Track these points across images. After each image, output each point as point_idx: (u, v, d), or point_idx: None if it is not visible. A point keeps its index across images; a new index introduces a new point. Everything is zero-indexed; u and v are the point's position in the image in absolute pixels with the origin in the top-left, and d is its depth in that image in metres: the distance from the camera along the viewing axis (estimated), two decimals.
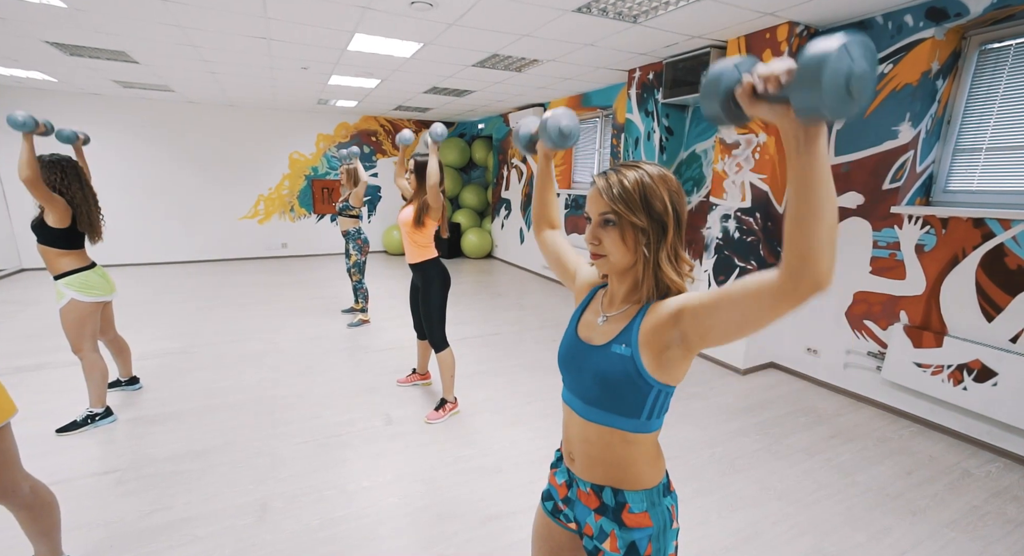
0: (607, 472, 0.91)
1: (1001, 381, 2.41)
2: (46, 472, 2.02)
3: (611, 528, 0.91)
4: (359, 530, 1.91)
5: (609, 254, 0.87)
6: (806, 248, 0.61)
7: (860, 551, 1.84)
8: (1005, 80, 2.56)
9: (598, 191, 0.87)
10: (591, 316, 0.97)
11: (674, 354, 0.82)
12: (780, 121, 0.60)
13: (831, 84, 0.52)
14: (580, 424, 0.93)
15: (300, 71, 4.63)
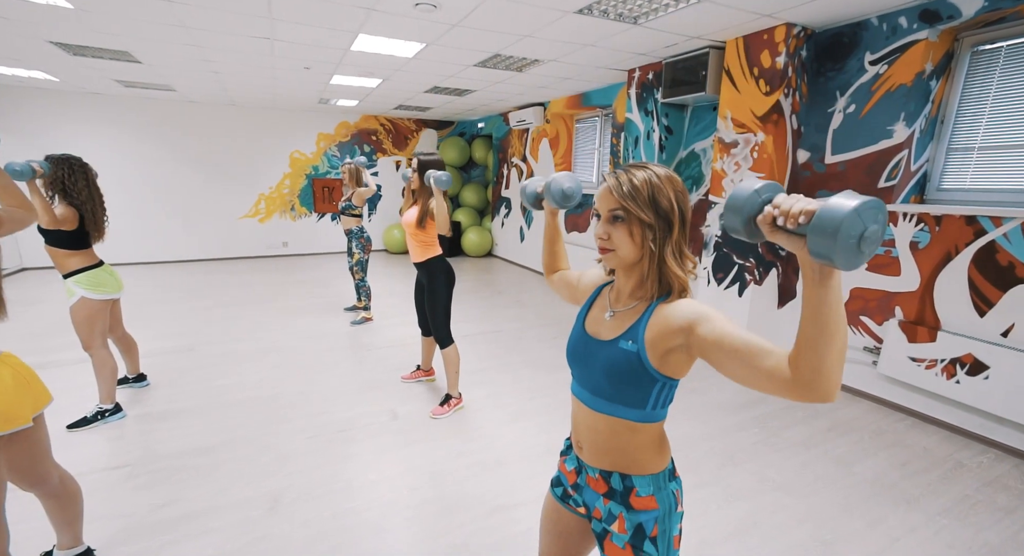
0: (615, 459, 0.96)
1: (992, 374, 2.48)
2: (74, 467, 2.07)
3: (619, 511, 0.96)
4: (368, 521, 1.96)
5: (617, 249, 0.92)
6: (819, 366, 0.65)
7: (856, 539, 1.90)
8: (996, 81, 2.62)
9: (608, 189, 0.92)
10: (598, 312, 1.02)
11: (678, 357, 0.87)
12: (797, 252, 0.65)
13: (844, 242, 0.57)
14: (589, 414, 0.98)
15: (302, 71, 4.66)
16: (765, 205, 0.67)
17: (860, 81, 2.99)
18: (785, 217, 0.64)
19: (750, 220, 0.69)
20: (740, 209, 0.69)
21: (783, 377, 0.68)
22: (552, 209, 1.26)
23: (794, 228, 0.63)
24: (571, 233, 6.07)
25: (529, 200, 1.29)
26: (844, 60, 3.06)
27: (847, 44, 3.04)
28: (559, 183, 1.17)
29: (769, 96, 3.16)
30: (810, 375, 0.66)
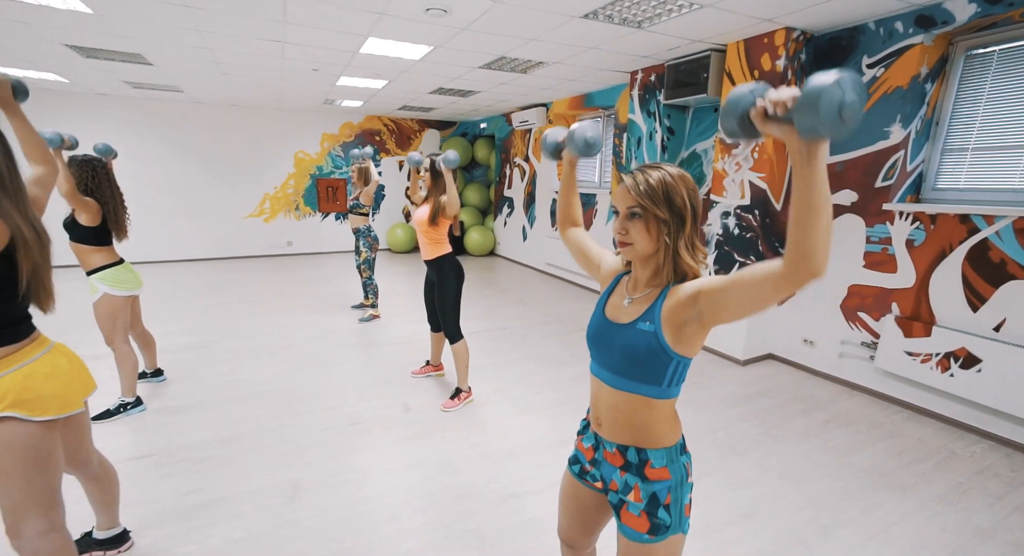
0: (632, 434, 1.05)
1: (985, 367, 2.57)
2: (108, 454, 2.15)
3: (635, 482, 1.04)
4: (384, 508, 2.04)
5: (635, 243, 1.00)
6: (806, 244, 0.74)
7: (853, 524, 1.98)
8: (989, 84, 2.71)
9: (626, 188, 1.00)
10: (617, 299, 1.10)
11: (691, 329, 0.95)
12: (786, 138, 0.73)
13: (827, 111, 0.64)
14: (609, 393, 1.06)
15: (310, 73, 4.74)
16: (757, 98, 0.75)
17: None
18: (775, 105, 0.71)
19: (744, 117, 0.76)
20: (736, 105, 0.76)
21: (779, 271, 0.78)
22: (571, 159, 1.27)
23: (783, 114, 0.71)
24: None
25: (549, 149, 1.32)
26: (842, 63, 3.15)
27: (845, 48, 3.12)
28: (583, 132, 1.19)
29: None
30: (800, 254, 0.74)
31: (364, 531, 1.91)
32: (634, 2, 2.75)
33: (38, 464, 1.27)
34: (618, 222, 1.02)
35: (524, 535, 1.90)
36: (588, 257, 1.27)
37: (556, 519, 1.87)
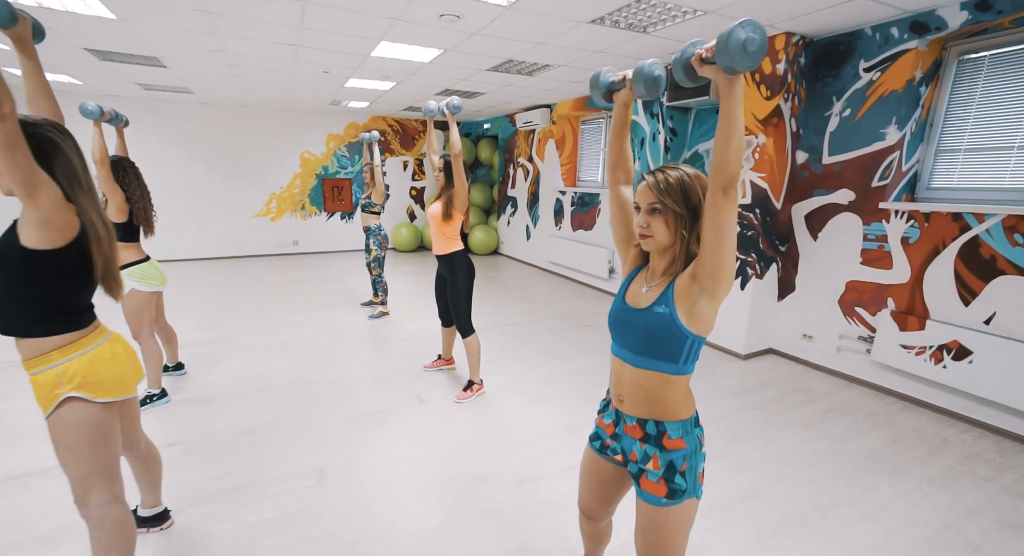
0: (651, 408, 1.16)
1: (976, 359, 2.69)
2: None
3: (653, 452, 1.16)
4: (407, 490, 2.16)
5: (655, 235, 1.11)
6: (724, 156, 0.94)
7: (849, 504, 2.10)
8: (981, 87, 2.83)
9: (648, 186, 1.11)
10: (636, 287, 1.22)
11: (701, 306, 1.06)
12: (715, 76, 0.92)
13: (735, 47, 0.86)
14: (631, 371, 1.17)
15: (320, 75, 4.84)
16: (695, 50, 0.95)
17: (855, 87, 3.20)
18: (706, 50, 0.92)
19: (687, 63, 0.97)
20: (682, 55, 0.98)
21: (710, 189, 0.98)
22: (626, 100, 1.26)
23: (710, 57, 0.91)
24: (577, 231, 6.27)
25: (602, 89, 1.28)
26: (840, 67, 3.27)
27: (843, 52, 3.24)
28: (652, 69, 1.14)
29: (770, 100, 3.37)
30: (720, 164, 0.94)
31: (388, 510, 2.02)
32: (640, 9, 2.87)
33: (101, 441, 1.38)
34: (640, 217, 1.14)
35: (541, 514, 2.01)
36: (628, 224, 1.30)
37: (570, 500, 1.99)
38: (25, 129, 1.19)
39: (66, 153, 1.28)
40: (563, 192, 6.50)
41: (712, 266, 1.00)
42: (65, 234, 1.28)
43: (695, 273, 1.04)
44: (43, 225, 1.24)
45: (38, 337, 1.32)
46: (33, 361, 1.32)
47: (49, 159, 1.25)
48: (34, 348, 1.32)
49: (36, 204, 1.21)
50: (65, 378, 1.33)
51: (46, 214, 1.23)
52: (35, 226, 1.24)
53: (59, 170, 1.27)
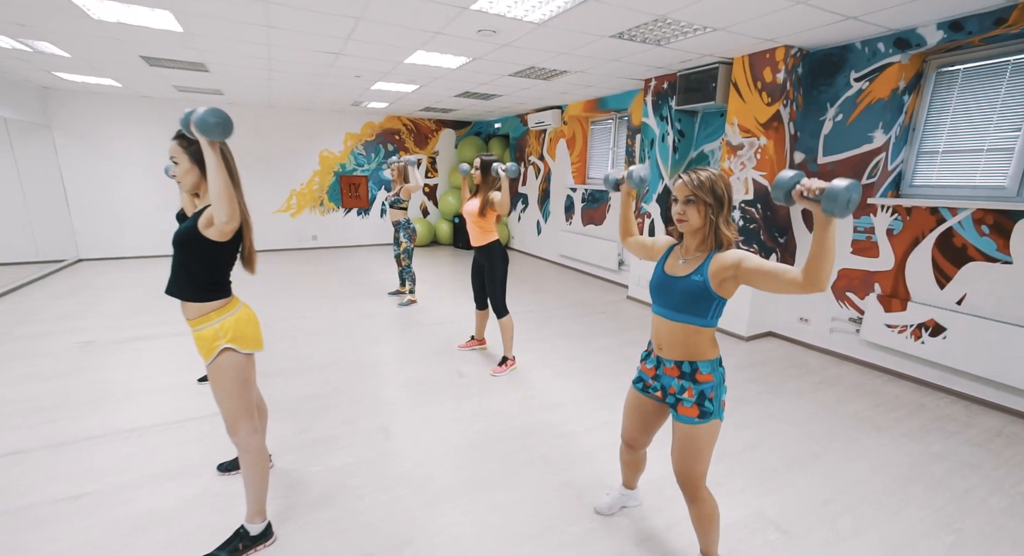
0: (685, 352, 1.53)
1: (949, 335, 3.08)
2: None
3: (688, 385, 1.53)
4: (464, 443, 2.53)
5: (689, 220, 1.48)
6: (819, 273, 1.21)
7: (837, 452, 2.49)
8: (956, 96, 3.21)
9: (684, 183, 1.48)
10: (673, 261, 1.58)
11: (728, 284, 1.44)
12: (813, 210, 1.19)
13: (841, 203, 1.10)
14: (669, 325, 1.54)
15: (349, 78, 5.18)
16: (796, 184, 1.22)
17: (847, 95, 3.58)
18: (808, 190, 1.18)
19: (788, 193, 1.22)
20: (783, 187, 1.23)
21: (798, 281, 1.26)
22: (628, 190, 1.79)
23: (813, 197, 1.18)
24: (587, 226, 6.64)
25: (610, 185, 1.81)
26: (833, 77, 3.65)
27: (836, 63, 3.62)
28: (639, 172, 1.70)
29: (770, 106, 3.75)
30: (814, 277, 1.22)
31: (450, 457, 2.39)
32: (657, 26, 3.24)
33: (245, 384, 1.74)
34: (678, 206, 1.51)
35: (579, 459, 2.39)
36: (647, 248, 1.74)
37: (602, 450, 2.38)
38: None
39: (232, 164, 1.63)
40: (574, 189, 6.86)
41: (754, 285, 1.37)
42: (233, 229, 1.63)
43: (738, 271, 1.39)
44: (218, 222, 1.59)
45: (202, 302, 1.68)
46: (198, 320, 1.68)
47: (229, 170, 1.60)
48: (198, 310, 1.68)
49: (217, 213, 1.56)
50: (221, 332, 1.69)
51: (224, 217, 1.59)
52: (214, 223, 1.59)
53: (233, 179, 1.62)
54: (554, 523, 1.95)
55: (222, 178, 1.49)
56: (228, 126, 1.49)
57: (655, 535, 1.90)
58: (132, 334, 4.03)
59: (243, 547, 1.75)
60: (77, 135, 6.62)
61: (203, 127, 1.44)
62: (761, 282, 1.35)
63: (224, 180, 1.50)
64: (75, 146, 6.63)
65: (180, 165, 1.63)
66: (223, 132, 1.48)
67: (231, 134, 1.51)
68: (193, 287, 1.66)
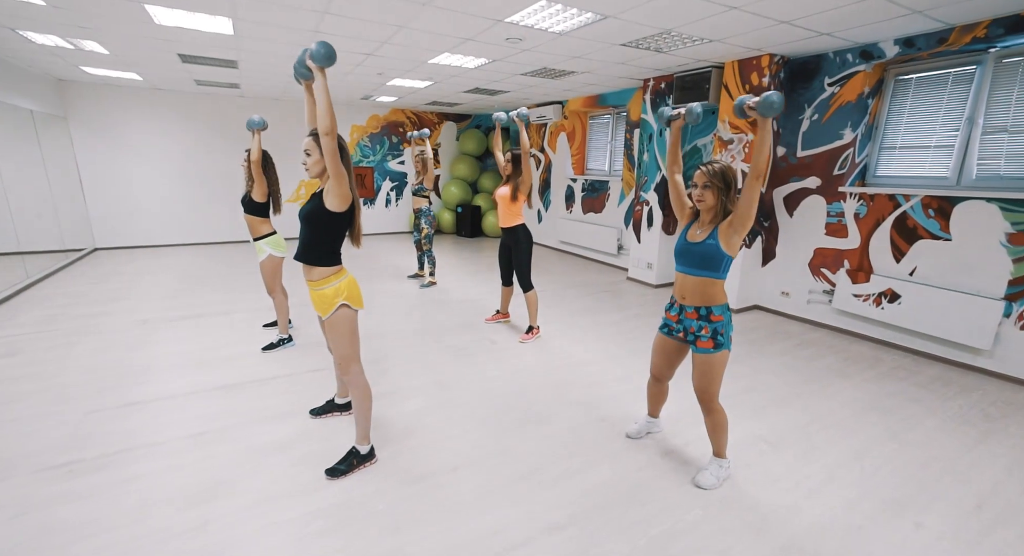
0: (703, 299, 2.05)
1: (904, 301, 3.70)
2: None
3: (704, 324, 2.05)
4: (510, 391, 3.02)
5: (706, 200, 2.00)
6: (757, 163, 1.81)
7: (812, 394, 3.06)
8: (910, 101, 3.80)
9: (703, 172, 1.99)
10: (693, 231, 2.09)
11: (733, 239, 1.95)
12: (755, 115, 1.78)
13: (767, 106, 1.72)
14: (692, 279, 2.06)
15: (372, 76, 5.55)
16: (744, 103, 1.82)
17: (821, 97, 4.14)
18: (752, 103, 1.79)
19: (740, 108, 1.84)
20: (739, 103, 1.84)
21: (747, 181, 1.83)
22: (679, 125, 2.19)
23: (754, 105, 1.78)
24: (588, 214, 7.15)
25: (664, 119, 2.21)
26: (810, 81, 4.21)
27: (812, 70, 4.18)
28: (696, 110, 2.12)
29: None
30: (755, 165, 1.82)
31: (501, 401, 2.89)
32: (663, 38, 3.73)
33: (354, 333, 2.20)
34: (698, 191, 2.01)
35: (609, 402, 2.91)
36: (683, 200, 2.20)
37: (628, 395, 2.90)
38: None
39: (347, 153, 2.07)
40: (574, 179, 7.36)
41: (744, 216, 1.89)
42: (347, 203, 2.08)
43: (732, 221, 1.93)
44: (342, 198, 2.04)
45: (326, 266, 2.12)
46: (321, 282, 2.13)
47: (344, 156, 2.04)
48: (322, 273, 2.12)
49: (341, 186, 2.01)
50: (339, 291, 2.14)
51: (344, 191, 2.03)
52: (337, 198, 2.03)
53: (346, 163, 2.06)
54: (596, 444, 2.47)
55: (328, 98, 1.88)
56: (333, 56, 1.85)
57: (675, 450, 2.44)
58: (183, 313, 4.39)
59: (356, 463, 2.22)
60: (92, 127, 6.81)
61: (317, 57, 1.81)
62: (739, 212, 1.89)
63: (329, 100, 1.87)
64: (90, 138, 6.82)
65: (312, 156, 2.06)
66: (329, 60, 1.84)
67: (335, 62, 1.88)
68: (320, 253, 2.10)
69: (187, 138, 7.42)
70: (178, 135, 7.36)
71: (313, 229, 2.09)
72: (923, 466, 2.33)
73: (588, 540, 1.82)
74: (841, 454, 2.41)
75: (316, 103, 1.89)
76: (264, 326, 4.05)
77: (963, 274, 3.45)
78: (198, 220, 7.75)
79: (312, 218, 2.07)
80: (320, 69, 1.86)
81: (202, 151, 7.54)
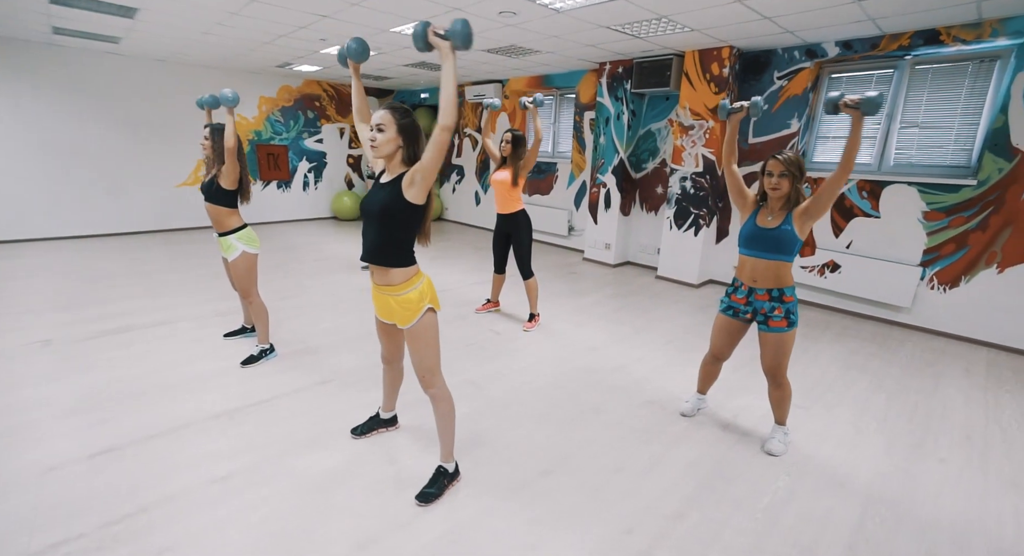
0: (776, 281, 2.18)
1: (843, 270, 4.33)
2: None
3: (777, 305, 2.19)
4: (546, 384, 2.94)
5: (782, 188, 2.10)
6: (848, 163, 1.93)
7: (796, 362, 3.47)
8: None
9: (778, 161, 2.09)
10: (762, 217, 2.20)
11: (807, 225, 2.10)
12: (851, 112, 1.95)
13: (872, 106, 1.88)
14: (764, 263, 2.17)
15: (312, 41, 4.83)
16: (840, 99, 1.92)
17: (771, 89, 4.58)
18: (851, 100, 1.87)
19: (835, 104, 1.92)
20: (832, 100, 1.93)
21: (837, 173, 1.95)
22: (739, 118, 2.27)
23: (853, 104, 1.87)
24: (534, 196, 7.15)
25: (724, 113, 2.28)
26: (761, 74, 4.62)
27: (763, 64, 4.59)
28: (762, 104, 2.22)
29: (717, 95, 4.61)
30: (847, 161, 1.93)
31: (545, 396, 2.80)
32: (650, 24, 3.78)
33: (438, 340, 1.95)
34: (774, 179, 2.11)
35: (644, 384, 2.99)
36: (743, 189, 2.32)
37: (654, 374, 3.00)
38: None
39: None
40: None
41: (824, 206, 2.03)
42: (426, 195, 1.80)
43: (808, 209, 2.06)
44: (425, 188, 1.76)
45: (405, 267, 1.83)
46: (404, 285, 1.84)
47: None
48: (403, 274, 1.83)
49: (431, 177, 1.73)
50: (424, 294, 1.87)
51: (430, 181, 1.75)
52: (422, 188, 1.75)
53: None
54: (659, 427, 2.53)
55: (455, 84, 1.62)
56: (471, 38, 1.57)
57: (730, 423, 2.60)
58: (100, 327, 3.51)
59: (446, 483, 2.00)
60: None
61: (458, 36, 1.53)
62: (817, 201, 2.03)
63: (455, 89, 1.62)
64: None
65: (386, 133, 1.74)
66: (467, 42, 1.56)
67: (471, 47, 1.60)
68: (400, 253, 1.81)
69: (47, 105, 5.81)
70: (34, 100, 5.73)
71: (389, 225, 1.78)
72: (913, 410, 2.79)
73: (714, 522, 1.88)
74: (850, 409, 2.78)
75: (442, 91, 1.61)
76: (226, 336, 3.42)
77: (890, 246, 4.13)
78: (71, 208, 6.19)
79: (390, 212, 1.76)
80: (452, 50, 1.56)
81: (67, 122, 5.98)
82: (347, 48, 1.87)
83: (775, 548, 1.76)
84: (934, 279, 3.95)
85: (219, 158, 2.85)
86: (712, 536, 1.81)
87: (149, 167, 6.71)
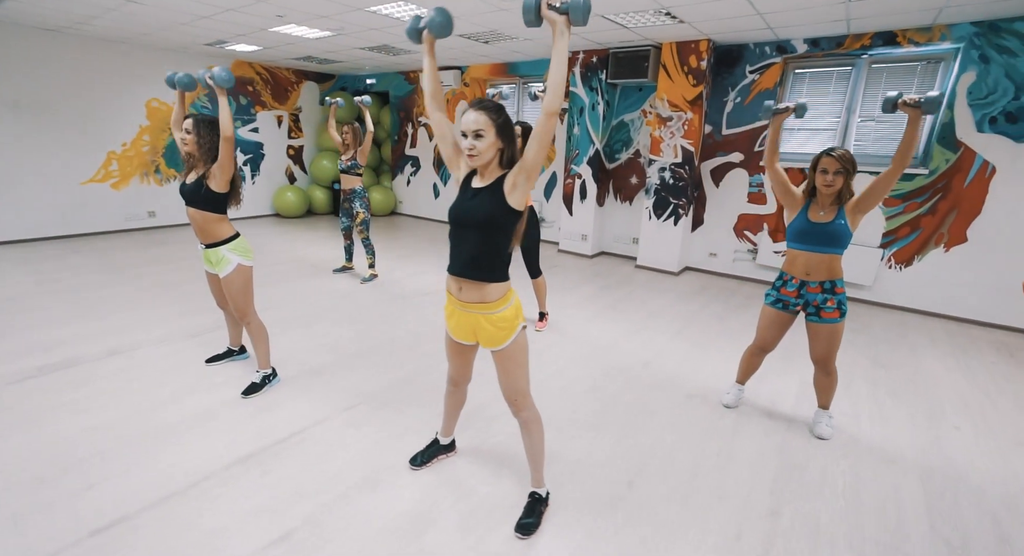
0: (828, 274, 2.26)
1: None
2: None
3: (830, 297, 2.27)
4: (585, 387, 2.86)
5: (835, 185, 2.17)
6: (907, 154, 2.01)
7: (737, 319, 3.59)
8: (806, 91, 4.68)
9: (834, 158, 2.14)
10: (813, 213, 2.26)
11: (859, 219, 2.19)
12: (909, 112, 2.03)
13: (929, 105, 2.21)
14: (817, 256, 2.24)
15: (268, 17, 4.25)
16: (899, 98, 1.99)
17: (743, 83, 4.78)
18: (911, 99, 1.95)
19: (893, 104, 1.99)
20: (890, 100, 2.00)
21: (892, 168, 2.05)
22: (783, 120, 2.41)
23: (913, 104, 1.95)
24: None
25: (768, 114, 2.41)
26: (734, 68, 4.80)
27: (736, 58, 4.77)
28: (806, 104, 2.33)
29: (695, 87, 4.73)
30: (903, 157, 2.01)
31: (590, 400, 2.72)
32: (637, 14, 3.75)
33: (528, 359, 1.79)
34: (828, 177, 2.16)
35: (678, 377, 3.01)
36: (791, 192, 2.37)
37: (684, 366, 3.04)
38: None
39: None
40: None
41: (876, 199, 2.12)
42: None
43: (859, 203, 2.14)
44: (528, 190, 1.58)
45: (502, 281, 1.65)
46: (499, 301, 1.65)
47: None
48: (500, 290, 1.65)
49: (536, 175, 1.55)
50: (518, 311, 1.70)
51: (534, 182, 1.57)
52: (525, 191, 1.56)
53: None
54: (710, 422, 2.56)
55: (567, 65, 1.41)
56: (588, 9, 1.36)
57: (771, 410, 2.69)
58: (39, 361, 2.87)
59: (543, 510, 1.86)
60: None
61: (575, 8, 1.33)
62: (871, 196, 2.12)
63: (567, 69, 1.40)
64: None
65: (486, 138, 1.53)
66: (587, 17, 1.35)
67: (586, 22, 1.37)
68: (500, 266, 1.63)
69: None
70: None
71: (494, 235, 1.58)
72: (910, 382, 3.08)
73: (809, 515, 1.91)
74: (857, 387, 3.00)
75: (552, 72, 1.42)
76: (209, 362, 2.95)
77: None
78: None
79: (496, 222, 1.56)
80: (568, 26, 1.36)
81: None
82: (431, 21, 1.59)
83: (873, 532, 1.84)
84: (891, 259, 4.38)
85: (206, 155, 2.39)
86: (814, 527, 1.84)
87: (46, 161, 5.60)
